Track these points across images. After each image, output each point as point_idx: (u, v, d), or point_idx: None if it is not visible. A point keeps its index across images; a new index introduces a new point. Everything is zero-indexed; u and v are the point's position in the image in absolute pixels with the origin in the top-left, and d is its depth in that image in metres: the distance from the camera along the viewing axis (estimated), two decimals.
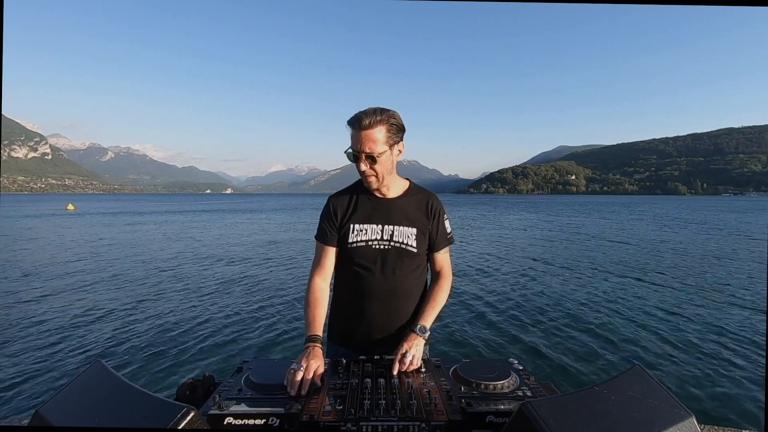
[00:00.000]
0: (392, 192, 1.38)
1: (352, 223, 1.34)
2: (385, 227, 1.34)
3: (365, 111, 1.23)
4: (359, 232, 1.33)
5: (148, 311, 5.82)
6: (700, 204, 65.95)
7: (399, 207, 1.37)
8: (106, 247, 12.70)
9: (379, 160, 1.24)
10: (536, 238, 16.27)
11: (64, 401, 0.73)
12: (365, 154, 1.23)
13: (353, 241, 1.33)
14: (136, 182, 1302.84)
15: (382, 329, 1.34)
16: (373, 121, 1.21)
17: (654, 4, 0.75)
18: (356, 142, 1.23)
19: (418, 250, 1.35)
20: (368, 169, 1.26)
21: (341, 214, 1.36)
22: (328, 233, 1.36)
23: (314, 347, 1.13)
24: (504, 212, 38.10)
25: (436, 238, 1.40)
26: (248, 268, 9.22)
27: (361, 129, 1.21)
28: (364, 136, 1.21)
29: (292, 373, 0.97)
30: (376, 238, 1.33)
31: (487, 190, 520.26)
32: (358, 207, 1.36)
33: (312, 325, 1.24)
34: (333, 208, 1.37)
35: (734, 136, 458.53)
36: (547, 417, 0.63)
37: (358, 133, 1.22)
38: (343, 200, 1.38)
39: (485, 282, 7.83)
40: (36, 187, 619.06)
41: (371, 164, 1.25)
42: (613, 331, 4.99)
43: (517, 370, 1.06)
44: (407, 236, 1.34)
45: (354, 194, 1.39)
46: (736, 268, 9.34)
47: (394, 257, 1.32)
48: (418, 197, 1.41)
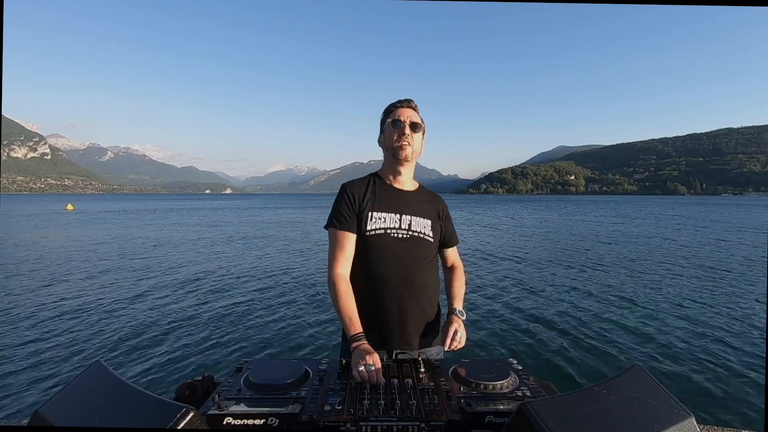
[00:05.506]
0: (407, 185, 1.43)
1: (369, 211, 1.33)
2: (403, 216, 1.35)
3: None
4: (377, 220, 1.32)
5: (148, 311, 5.81)
6: (700, 204, 66.02)
7: (414, 199, 1.41)
8: (106, 247, 12.69)
9: (418, 134, 1.37)
10: (536, 237, 16.28)
11: (64, 401, 0.73)
12: (410, 122, 1.34)
13: (372, 228, 1.31)
14: (136, 182, 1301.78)
15: (401, 322, 1.30)
16: (416, 105, 1.40)
17: (654, 4, 0.75)
18: (402, 114, 1.35)
19: (434, 241, 1.39)
20: (409, 136, 1.33)
21: (359, 200, 1.34)
22: (347, 218, 1.31)
23: (365, 344, 1.13)
24: (504, 212, 38.10)
25: (448, 237, 1.49)
26: (248, 268, 9.21)
27: (409, 106, 1.38)
28: (410, 111, 1.37)
29: (366, 373, 0.98)
30: (395, 227, 1.33)
31: (486, 190, 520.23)
32: (376, 195, 1.37)
33: (352, 322, 1.19)
34: (350, 194, 1.34)
35: (733, 137, 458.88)
36: (546, 417, 0.63)
37: (405, 108, 1.37)
38: (360, 187, 1.38)
39: (484, 281, 7.83)
40: (35, 187, 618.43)
41: (413, 133, 1.34)
42: (613, 331, 4.99)
43: (517, 370, 1.06)
44: (424, 226, 1.36)
45: (370, 183, 1.40)
46: (736, 267, 9.34)
47: (412, 246, 1.33)
48: (430, 196, 1.48)
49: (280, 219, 28.42)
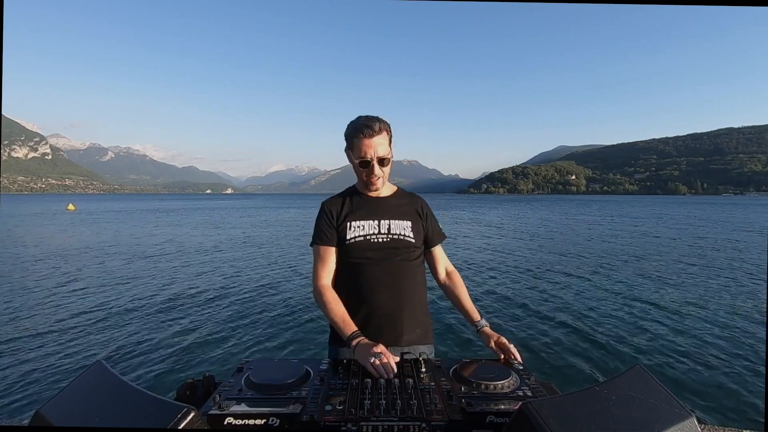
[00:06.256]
0: (384, 192, 1.45)
1: (348, 221, 1.37)
2: (381, 222, 1.37)
3: (367, 118, 1.28)
4: (356, 228, 1.36)
5: (148, 311, 5.82)
6: (701, 203, 65.95)
7: (392, 204, 1.43)
8: (106, 247, 12.70)
9: (388, 162, 1.34)
10: (536, 236, 16.26)
11: (65, 401, 0.73)
12: (378, 158, 1.30)
13: (351, 237, 1.35)
14: (136, 182, 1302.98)
15: (388, 322, 1.33)
16: (380, 127, 1.28)
17: (654, 4, 0.75)
18: (368, 148, 1.27)
19: (416, 241, 1.40)
20: (378, 171, 1.32)
21: (337, 215, 1.39)
22: (327, 233, 1.38)
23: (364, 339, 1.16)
24: (505, 211, 38.06)
25: (432, 234, 1.49)
26: (248, 268, 9.22)
27: (372, 136, 1.26)
28: (376, 142, 1.28)
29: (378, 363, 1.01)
30: (374, 233, 1.36)
31: (487, 190, 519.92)
32: (353, 206, 1.40)
33: (346, 322, 1.23)
34: (328, 211, 1.40)
35: (734, 136, 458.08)
36: (547, 417, 0.63)
37: (369, 140, 1.27)
38: (337, 203, 1.43)
39: (484, 281, 7.83)
40: (36, 187, 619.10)
41: (382, 167, 1.33)
42: (614, 331, 4.99)
43: (518, 369, 1.06)
44: (403, 228, 1.38)
45: (347, 197, 1.44)
46: (736, 267, 9.33)
47: (393, 248, 1.35)
48: (408, 199, 1.49)
49: (281, 219, 28.43)
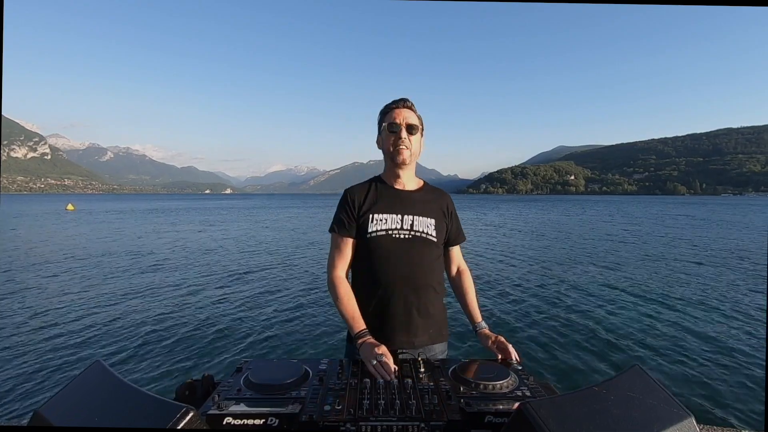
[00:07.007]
0: (409, 185, 1.42)
1: (371, 213, 1.33)
2: (405, 217, 1.34)
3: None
4: (379, 222, 1.32)
5: (148, 311, 5.81)
6: (700, 204, 66.01)
7: (417, 199, 1.40)
8: (106, 247, 12.68)
9: (416, 135, 1.35)
10: (535, 236, 16.27)
11: (64, 401, 0.73)
12: (407, 125, 1.32)
13: (373, 230, 1.31)
14: (136, 182, 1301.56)
15: (404, 321, 1.30)
16: (412, 104, 1.36)
17: (654, 4, 0.75)
18: (398, 116, 1.32)
19: (438, 240, 1.37)
20: (406, 140, 1.32)
21: (359, 205, 1.35)
22: (346, 223, 1.34)
23: (370, 338, 1.16)
24: (505, 211, 38.07)
25: (454, 234, 1.47)
26: (248, 268, 9.21)
27: (404, 106, 1.34)
28: (407, 112, 1.34)
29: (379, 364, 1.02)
30: (397, 228, 1.32)
31: (486, 190, 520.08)
32: (377, 198, 1.37)
33: (355, 320, 1.24)
34: (351, 199, 1.36)
35: (733, 137, 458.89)
36: (546, 417, 0.63)
37: (400, 109, 1.33)
38: (361, 191, 1.39)
39: (484, 281, 7.83)
40: (35, 187, 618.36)
41: (409, 135, 1.33)
42: (613, 331, 4.99)
43: (516, 370, 1.06)
44: (427, 226, 1.35)
45: (372, 186, 1.40)
46: (736, 267, 9.34)
47: (415, 247, 1.32)
48: (434, 194, 1.46)
49: (281, 219, 28.41)
